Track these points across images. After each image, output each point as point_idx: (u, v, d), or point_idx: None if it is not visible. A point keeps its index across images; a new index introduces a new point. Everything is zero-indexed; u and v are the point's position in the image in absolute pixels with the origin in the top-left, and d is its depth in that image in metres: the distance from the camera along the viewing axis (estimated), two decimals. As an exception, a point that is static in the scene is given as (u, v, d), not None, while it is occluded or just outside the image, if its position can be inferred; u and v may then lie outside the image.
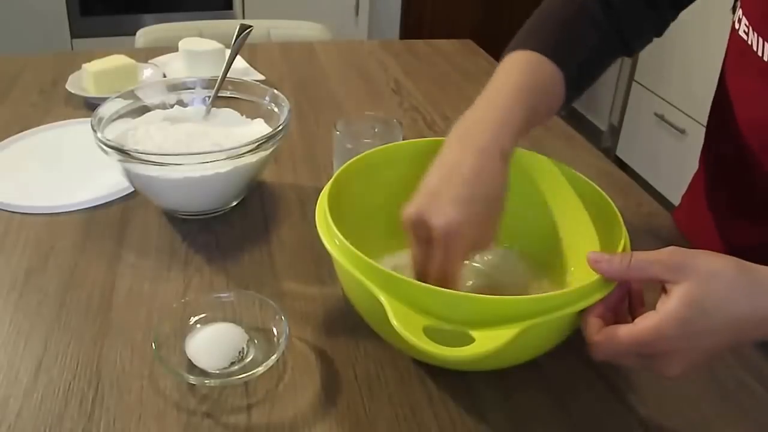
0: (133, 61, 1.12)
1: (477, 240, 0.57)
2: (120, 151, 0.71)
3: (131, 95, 0.84)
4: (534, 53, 0.65)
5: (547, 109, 0.67)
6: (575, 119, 3.20)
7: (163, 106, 0.87)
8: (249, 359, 0.58)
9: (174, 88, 0.88)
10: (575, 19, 0.69)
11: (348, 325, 0.63)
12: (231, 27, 0.95)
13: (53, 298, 0.66)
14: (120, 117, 0.82)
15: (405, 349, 0.58)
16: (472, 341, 0.48)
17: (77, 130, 0.99)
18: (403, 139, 0.75)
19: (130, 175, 0.75)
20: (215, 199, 0.78)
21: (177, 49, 1.21)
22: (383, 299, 0.49)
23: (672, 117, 2.45)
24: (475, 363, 0.52)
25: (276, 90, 0.85)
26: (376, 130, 0.84)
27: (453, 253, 0.54)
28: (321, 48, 1.42)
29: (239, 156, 0.72)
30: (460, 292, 0.50)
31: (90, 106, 1.06)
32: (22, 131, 0.97)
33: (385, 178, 0.68)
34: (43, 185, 0.85)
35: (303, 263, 0.73)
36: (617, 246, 0.56)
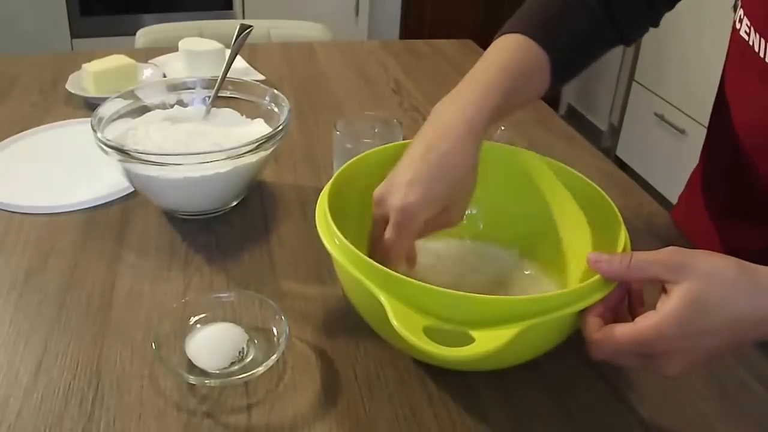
0: (133, 61, 1.12)
1: (440, 219, 0.59)
2: (120, 151, 0.71)
3: (131, 95, 0.84)
4: (521, 36, 0.67)
5: (532, 91, 0.68)
6: (575, 119, 3.20)
7: (163, 106, 0.87)
8: (249, 359, 0.58)
9: (174, 88, 0.88)
10: (568, 9, 0.70)
11: (348, 325, 0.63)
12: (231, 27, 0.95)
13: (53, 298, 0.66)
14: (120, 117, 0.82)
15: (405, 349, 0.58)
16: (472, 341, 0.48)
17: (77, 130, 0.99)
18: (403, 139, 0.75)
19: (130, 175, 0.75)
20: (215, 199, 0.78)
21: (177, 49, 1.21)
22: (383, 299, 0.49)
23: (672, 117, 2.45)
24: (475, 363, 0.52)
25: (276, 90, 0.85)
26: (376, 130, 0.84)
27: (403, 232, 0.56)
28: (321, 48, 1.42)
29: (239, 156, 0.72)
30: (460, 292, 0.50)
31: (90, 106, 1.06)
32: (22, 131, 0.97)
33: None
34: (43, 185, 0.85)
35: (303, 263, 0.73)
36: (617, 246, 0.56)
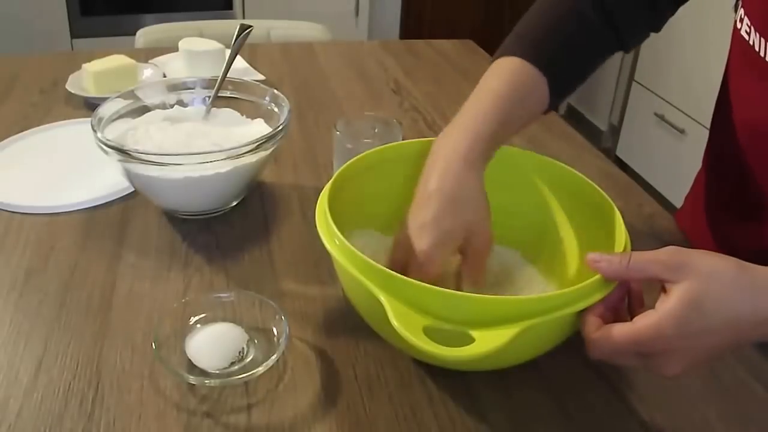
0: (133, 61, 1.12)
1: (470, 248, 0.59)
2: (120, 151, 0.71)
3: (131, 95, 0.84)
4: (518, 60, 0.67)
5: (531, 114, 0.68)
6: (575, 119, 3.20)
7: (163, 106, 0.87)
8: (249, 359, 0.58)
9: (174, 88, 0.88)
10: (564, 21, 0.69)
11: (348, 325, 0.63)
12: (231, 27, 0.95)
13: (53, 298, 0.66)
14: (120, 117, 0.82)
15: (405, 349, 0.58)
16: (472, 341, 0.48)
17: (77, 130, 0.99)
18: (403, 139, 0.75)
19: (130, 175, 0.75)
20: (215, 199, 0.78)
21: (177, 49, 1.21)
22: (383, 299, 0.49)
23: (672, 117, 2.45)
24: (475, 363, 0.52)
25: (276, 90, 0.85)
26: (376, 130, 0.84)
27: (428, 275, 0.56)
28: (321, 48, 1.42)
29: (239, 156, 0.72)
30: (460, 292, 0.50)
31: (90, 106, 1.06)
32: (22, 131, 0.97)
33: (385, 178, 0.68)
34: (43, 185, 0.85)
35: (303, 263, 0.73)
36: (617, 246, 0.56)
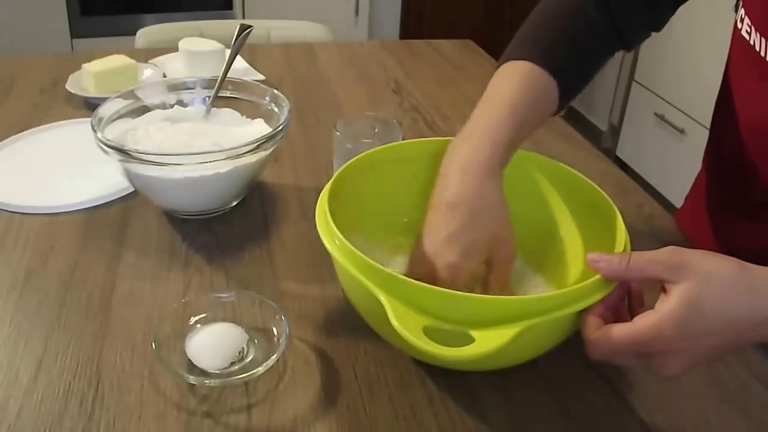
0: (133, 61, 1.12)
1: (495, 258, 0.60)
2: (120, 151, 0.71)
3: (131, 95, 0.84)
4: (528, 63, 0.66)
5: (542, 118, 0.68)
6: (575, 119, 3.20)
7: (163, 106, 0.87)
8: (249, 359, 0.58)
9: (174, 88, 0.88)
10: (570, 22, 0.69)
11: (348, 325, 0.63)
12: (231, 27, 0.95)
13: (53, 298, 0.66)
14: (120, 117, 0.82)
15: (405, 349, 0.58)
16: (472, 341, 0.48)
17: (77, 130, 0.99)
18: (403, 139, 0.75)
19: (130, 175, 0.75)
20: (215, 199, 0.78)
21: (177, 49, 1.21)
22: (383, 299, 0.49)
23: (672, 117, 2.45)
24: (475, 363, 0.52)
25: (276, 90, 0.85)
26: (376, 130, 0.84)
27: (459, 287, 0.56)
28: (321, 48, 1.42)
29: (239, 156, 0.72)
30: (459, 292, 0.50)
31: (90, 106, 1.06)
32: (22, 131, 0.97)
33: (385, 178, 0.68)
34: (43, 185, 0.85)
35: (303, 263, 0.73)
36: (617, 246, 0.56)
